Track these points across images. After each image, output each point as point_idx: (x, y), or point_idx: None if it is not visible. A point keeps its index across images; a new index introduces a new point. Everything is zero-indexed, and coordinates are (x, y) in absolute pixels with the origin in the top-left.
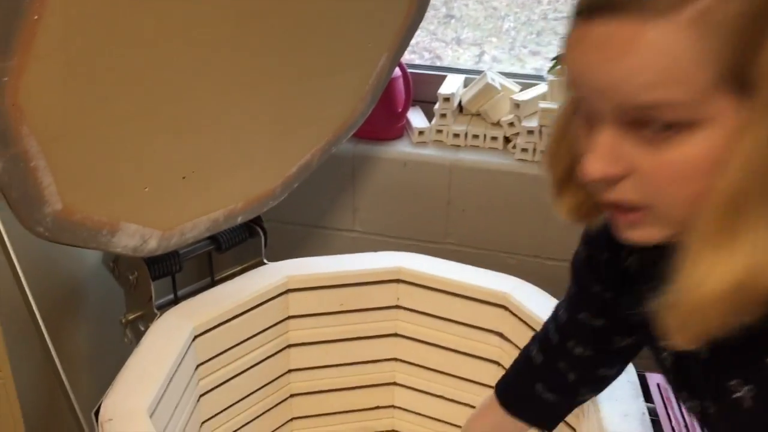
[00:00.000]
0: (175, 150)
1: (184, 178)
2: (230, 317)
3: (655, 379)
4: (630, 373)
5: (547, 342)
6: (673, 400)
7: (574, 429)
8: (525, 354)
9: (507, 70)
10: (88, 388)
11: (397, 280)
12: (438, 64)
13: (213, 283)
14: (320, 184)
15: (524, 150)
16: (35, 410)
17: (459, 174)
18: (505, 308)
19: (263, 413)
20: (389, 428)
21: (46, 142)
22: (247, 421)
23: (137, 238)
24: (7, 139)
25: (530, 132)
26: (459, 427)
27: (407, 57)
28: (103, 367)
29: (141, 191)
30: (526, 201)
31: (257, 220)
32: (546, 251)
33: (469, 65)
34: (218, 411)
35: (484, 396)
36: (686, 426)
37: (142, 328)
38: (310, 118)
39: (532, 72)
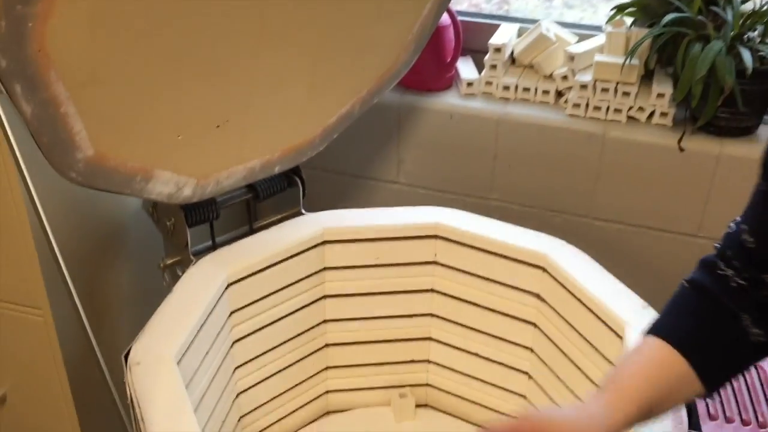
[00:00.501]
0: (208, 97)
1: (218, 126)
2: (265, 266)
3: None
4: None
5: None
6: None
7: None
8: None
9: (577, 17)
10: (130, 330)
11: (435, 236)
12: (506, 8)
13: (251, 232)
14: (365, 133)
15: (576, 105)
16: (76, 352)
17: (507, 128)
18: (544, 270)
19: (298, 361)
20: (423, 382)
21: (75, 88)
22: (281, 368)
23: (172, 185)
24: (35, 85)
25: (583, 87)
26: (493, 385)
27: (468, 3)
28: (145, 309)
29: (174, 139)
30: (576, 158)
31: (296, 170)
32: (594, 211)
33: (538, 12)
34: (252, 357)
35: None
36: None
37: (180, 273)
38: (350, 67)
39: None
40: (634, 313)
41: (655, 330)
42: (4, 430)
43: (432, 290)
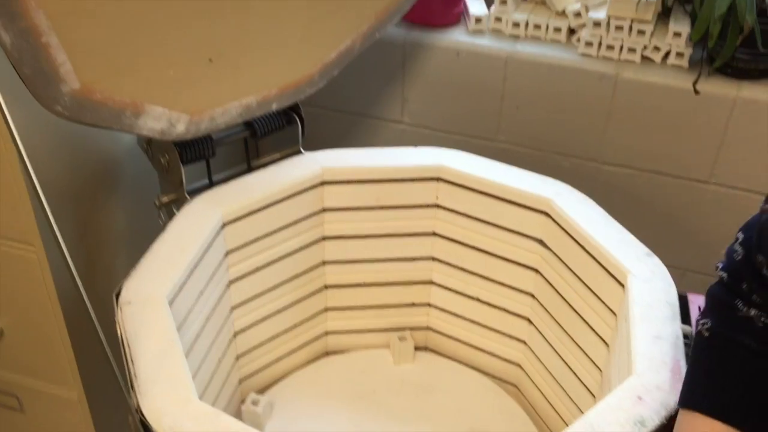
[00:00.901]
0: (200, 30)
1: (210, 60)
2: (262, 206)
3: (697, 300)
4: (669, 293)
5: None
6: None
7: (608, 345)
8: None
9: None
10: (125, 269)
11: (438, 179)
12: None
13: (249, 170)
14: (368, 70)
15: (588, 44)
16: (70, 289)
17: (516, 67)
18: (547, 215)
19: (296, 302)
20: (423, 325)
21: (57, 17)
22: (279, 309)
23: (164, 121)
24: (12, 13)
25: (597, 24)
26: (493, 329)
27: None
28: (142, 248)
29: (165, 72)
30: (587, 99)
31: (295, 108)
32: (604, 155)
33: None
34: (249, 298)
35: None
36: None
37: (176, 211)
38: (349, 1)
39: None
40: (638, 261)
41: (709, 410)
42: (1, 365)
43: (433, 233)
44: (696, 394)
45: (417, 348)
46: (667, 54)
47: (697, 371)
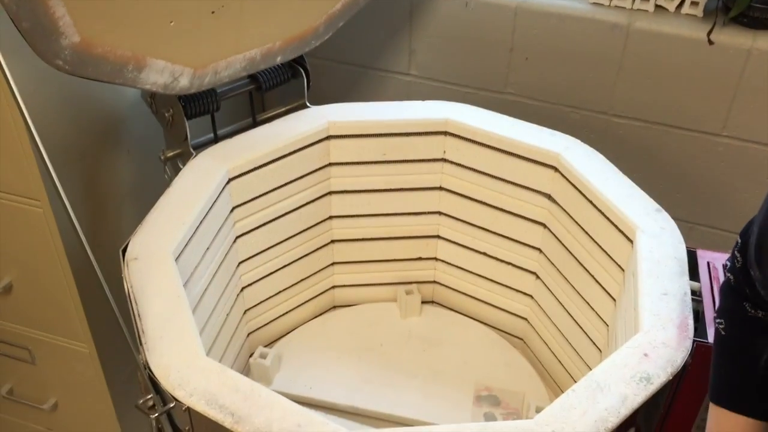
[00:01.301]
0: None
1: (213, 12)
2: (267, 161)
3: (706, 256)
4: (678, 249)
5: None
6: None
7: (614, 300)
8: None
9: None
10: (132, 224)
11: (445, 133)
12: None
13: (255, 124)
14: (374, 21)
15: None
16: (78, 243)
17: (525, 17)
18: (556, 169)
19: (303, 256)
20: (430, 279)
21: None
22: (287, 263)
23: (167, 75)
24: None
25: None
26: (500, 284)
27: None
28: (147, 202)
29: (166, 25)
30: (598, 51)
31: (300, 60)
32: (614, 108)
33: None
34: (256, 253)
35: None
36: None
37: (182, 166)
38: None
39: None
40: (647, 217)
41: (733, 406)
42: (11, 318)
43: (440, 188)
44: (720, 391)
45: (424, 302)
46: (681, 3)
47: (719, 368)
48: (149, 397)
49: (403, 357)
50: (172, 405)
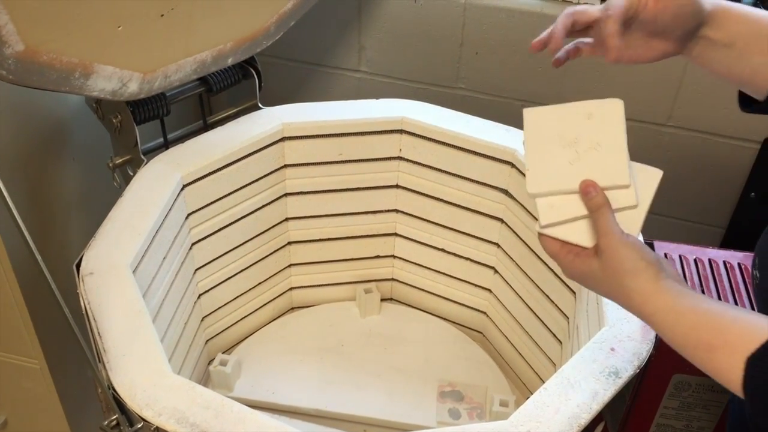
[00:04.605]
0: None
1: (162, 15)
2: (221, 166)
3: (662, 248)
4: None
5: None
6: (680, 271)
7: (574, 293)
8: None
9: None
10: (80, 234)
11: (400, 131)
12: None
13: (206, 127)
14: (323, 19)
15: None
16: (26, 262)
17: (474, 12)
18: (512, 165)
19: (261, 259)
20: (389, 277)
21: None
22: (244, 267)
23: (115, 81)
24: None
25: None
26: (459, 279)
27: None
28: (96, 211)
29: (114, 30)
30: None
31: (251, 61)
32: (565, 100)
33: None
34: (212, 259)
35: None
36: None
37: (132, 173)
38: None
39: None
40: None
41: None
42: None
43: (397, 186)
44: None
45: (383, 299)
46: None
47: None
48: (114, 417)
49: (365, 356)
50: (139, 425)
